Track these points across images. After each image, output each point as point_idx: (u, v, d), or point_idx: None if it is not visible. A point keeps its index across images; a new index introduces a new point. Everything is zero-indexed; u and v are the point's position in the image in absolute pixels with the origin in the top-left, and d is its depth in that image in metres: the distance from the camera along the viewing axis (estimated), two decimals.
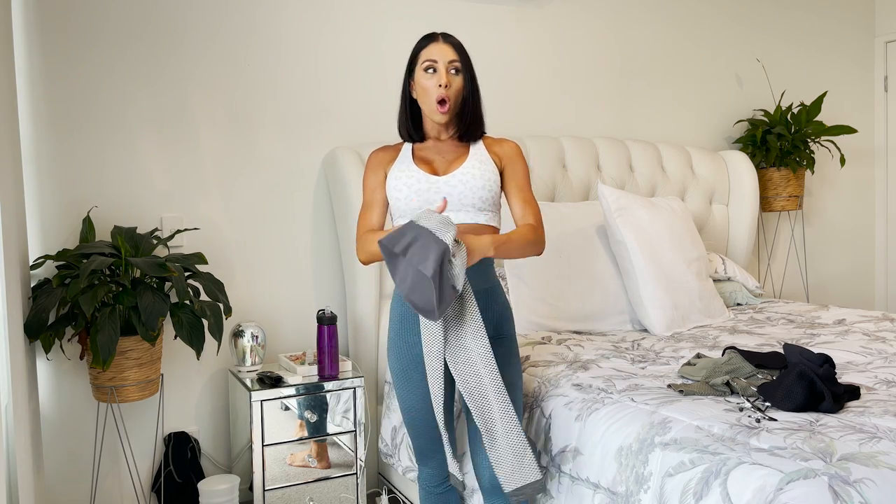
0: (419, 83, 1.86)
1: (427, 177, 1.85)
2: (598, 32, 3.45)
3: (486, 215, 1.87)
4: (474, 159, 1.89)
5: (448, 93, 1.83)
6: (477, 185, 1.84)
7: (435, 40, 1.86)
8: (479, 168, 1.87)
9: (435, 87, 1.83)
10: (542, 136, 3.18)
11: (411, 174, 1.85)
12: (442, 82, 1.82)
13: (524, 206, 1.89)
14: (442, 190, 1.83)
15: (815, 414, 1.66)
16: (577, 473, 1.78)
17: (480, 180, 1.85)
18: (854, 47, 4.23)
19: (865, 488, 1.31)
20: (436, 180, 1.84)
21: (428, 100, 1.85)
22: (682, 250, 2.82)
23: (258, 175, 2.76)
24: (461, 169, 1.86)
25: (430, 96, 1.84)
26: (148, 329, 2.15)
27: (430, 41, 1.87)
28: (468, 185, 1.84)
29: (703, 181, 3.47)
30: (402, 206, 1.85)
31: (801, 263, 4.08)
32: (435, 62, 1.83)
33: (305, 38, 2.83)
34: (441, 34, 1.87)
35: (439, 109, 1.84)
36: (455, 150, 1.91)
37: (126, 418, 2.55)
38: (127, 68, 2.55)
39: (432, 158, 1.90)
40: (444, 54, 1.84)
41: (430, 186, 1.83)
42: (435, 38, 1.87)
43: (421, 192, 1.83)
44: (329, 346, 2.44)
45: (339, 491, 2.48)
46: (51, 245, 2.45)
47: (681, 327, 2.69)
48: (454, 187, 1.84)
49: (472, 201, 1.84)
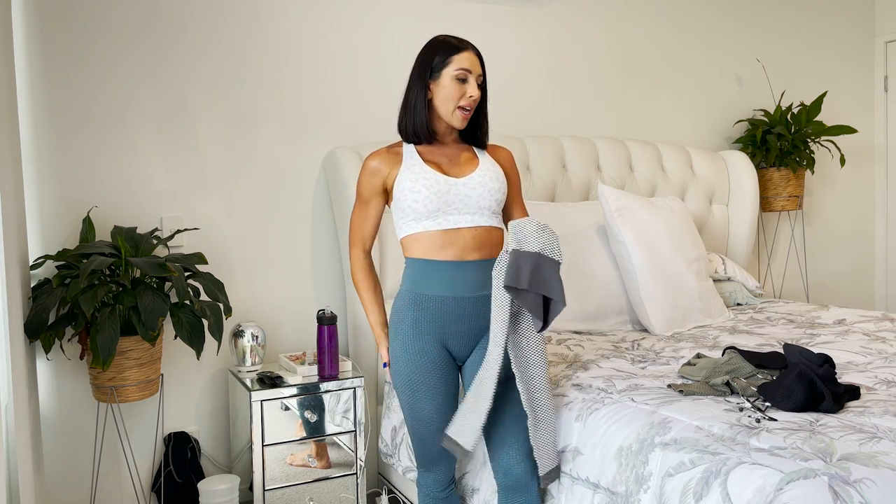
0: (445, 87, 1.84)
1: (445, 178, 1.84)
2: (598, 32, 3.45)
3: (496, 218, 1.90)
4: (486, 162, 1.91)
5: (475, 103, 1.87)
6: (494, 187, 1.87)
7: (467, 49, 1.85)
8: (493, 171, 1.90)
9: (464, 96, 1.84)
10: (542, 136, 3.18)
11: (427, 175, 1.84)
12: (474, 95, 1.84)
13: (523, 213, 2.02)
14: (461, 192, 1.84)
15: (815, 414, 1.66)
16: (577, 473, 1.78)
17: (496, 183, 1.88)
18: (854, 47, 4.23)
19: (865, 488, 1.31)
20: (454, 182, 1.84)
21: (451, 105, 1.85)
22: (682, 250, 2.82)
23: (258, 175, 2.76)
24: (478, 172, 1.87)
25: (455, 102, 1.84)
26: (148, 329, 2.15)
27: (463, 49, 1.85)
28: (486, 188, 1.85)
29: (703, 181, 3.47)
30: (419, 207, 1.83)
31: (801, 263, 4.08)
32: (469, 72, 1.84)
33: (306, 37, 2.83)
34: (469, 43, 1.87)
35: (462, 116, 1.86)
36: (462, 154, 1.92)
37: (126, 418, 2.55)
38: (127, 68, 2.55)
39: (440, 161, 1.89)
40: (476, 67, 1.86)
41: (448, 188, 1.83)
42: (467, 47, 1.86)
43: (441, 193, 1.82)
44: (329, 346, 2.44)
45: (339, 491, 2.48)
46: (51, 245, 2.45)
47: (681, 327, 2.69)
48: (473, 189, 1.85)
49: (488, 204, 1.86)
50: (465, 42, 1.86)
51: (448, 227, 1.83)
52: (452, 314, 1.83)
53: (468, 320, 1.84)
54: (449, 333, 1.85)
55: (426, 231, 1.84)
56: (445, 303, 1.83)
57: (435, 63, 1.85)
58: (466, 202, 1.84)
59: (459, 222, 1.84)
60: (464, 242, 1.84)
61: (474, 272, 1.84)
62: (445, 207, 1.82)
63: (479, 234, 1.85)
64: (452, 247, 1.83)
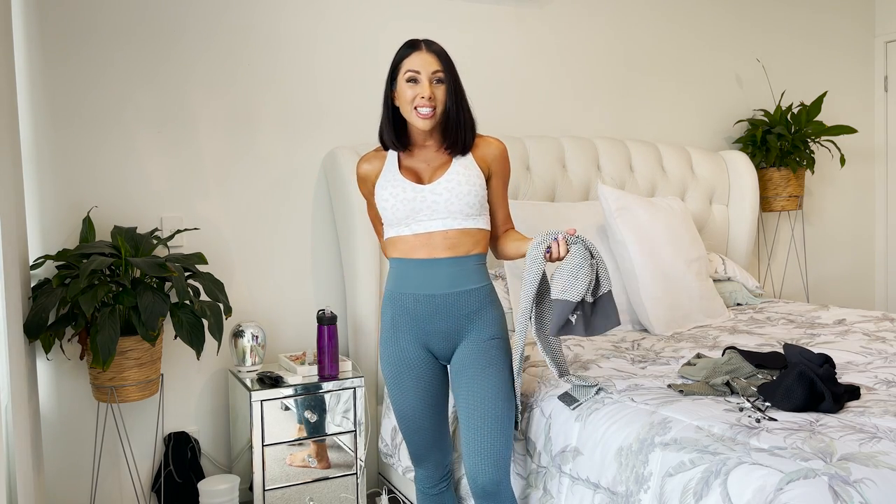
0: (401, 93, 1.82)
1: (413, 186, 1.84)
2: (598, 32, 3.45)
3: (473, 220, 1.87)
4: (459, 165, 1.87)
5: (432, 103, 1.80)
6: (463, 191, 1.83)
7: (417, 49, 1.82)
8: (463, 174, 1.85)
9: (416, 97, 1.80)
10: (541, 136, 3.18)
11: (396, 184, 1.85)
12: (425, 94, 1.79)
13: (506, 212, 1.99)
14: (427, 199, 1.83)
15: (815, 414, 1.66)
16: (577, 473, 1.78)
17: (466, 186, 1.84)
18: (854, 47, 4.23)
19: (865, 488, 1.31)
20: (421, 189, 1.84)
21: (408, 108, 1.82)
22: (682, 250, 2.82)
23: (258, 175, 2.76)
24: (446, 176, 1.85)
25: (410, 105, 1.81)
26: (148, 329, 2.15)
27: (413, 50, 1.82)
28: (454, 193, 1.83)
29: (703, 181, 3.47)
30: (389, 216, 1.86)
31: (801, 263, 4.08)
32: (417, 73, 1.80)
33: (305, 37, 2.83)
34: (424, 41, 1.83)
35: (420, 116, 1.81)
36: (440, 157, 1.90)
37: (126, 418, 2.55)
38: (126, 68, 2.55)
39: (417, 167, 1.89)
40: (427, 65, 1.80)
41: (415, 196, 1.83)
42: (418, 47, 1.82)
43: (407, 201, 1.83)
44: (329, 346, 2.44)
45: (339, 491, 2.48)
46: (51, 245, 2.45)
47: (681, 327, 2.69)
48: (440, 195, 1.83)
49: (458, 208, 1.83)
50: (418, 42, 1.83)
51: (420, 232, 1.84)
52: (426, 312, 1.84)
53: (442, 318, 1.84)
54: (427, 333, 1.86)
55: (400, 235, 1.87)
56: (418, 300, 1.84)
57: (392, 70, 1.85)
58: (434, 208, 1.83)
59: (430, 227, 1.84)
60: (435, 243, 1.84)
61: (446, 269, 1.84)
62: (414, 215, 1.83)
63: (451, 236, 1.84)
64: (425, 247, 1.85)
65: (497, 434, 1.78)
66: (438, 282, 1.83)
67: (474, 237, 1.87)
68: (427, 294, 1.83)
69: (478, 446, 1.78)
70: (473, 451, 1.79)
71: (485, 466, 1.77)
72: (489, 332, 1.86)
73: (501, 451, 1.79)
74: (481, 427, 1.78)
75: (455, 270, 1.84)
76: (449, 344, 1.87)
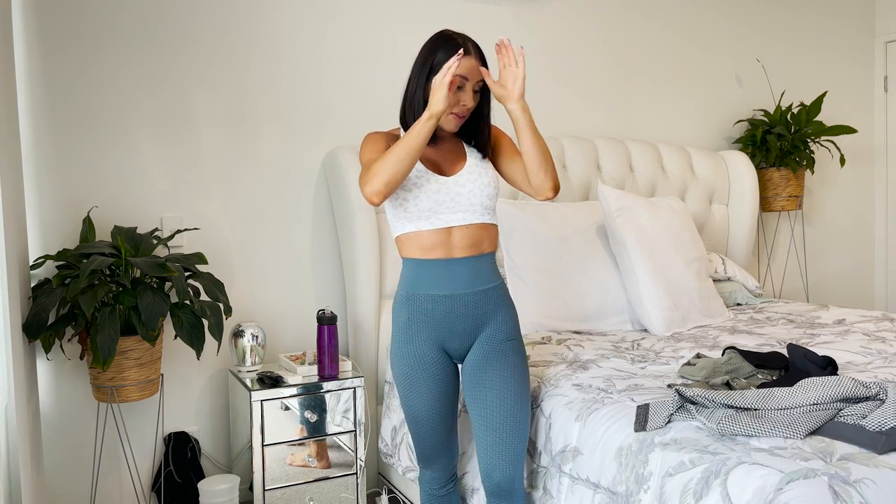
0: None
1: (437, 178, 1.82)
2: (597, 32, 3.45)
3: (490, 214, 1.87)
4: (473, 158, 1.89)
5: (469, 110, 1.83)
6: (484, 182, 1.85)
7: (466, 52, 1.78)
8: (482, 166, 1.87)
9: (459, 104, 1.80)
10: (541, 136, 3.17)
11: (420, 175, 1.81)
12: (469, 104, 1.81)
13: None
14: (452, 190, 1.82)
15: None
16: (577, 473, 1.78)
17: (486, 177, 1.86)
18: (854, 47, 4.23)
19: (865, 488, 1.31)
20: (445, 181, 1.82)
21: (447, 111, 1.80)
22: (681, 250, 2.82)
23: (258, 175, 2.76)
24: (467, 168, 1.85)
25: (450, 109, 1.80)
26: (148, 329, 2.15)
27: (459, 51, 1.75)
28: (477, 184, 1.84)
29: (703, 181, 3.47)
30: (411, 207, 1.82)
31: (801, 263, 4.08)
32: (466, 80, 1.80)
33: (306, 37, 2.83)
34: (468, 42, 1.80)
35: (455, 121, 1.82)
36: (454, 149, 1.90)
37: (126, 418, 2.55)
38: (127, 68, 2.55)
39: (436, 159, 1.87)
40: (475, 72, 1.80)
41: (439, 188, 1.81)
42: (466, 50, 1.78)
43: (431, 192, 1.81)
44: (329, 346, 2.44)
45: (339, 491, 2.48)
46: (51, 245, 2.45)
47: (681, 327, 2.69)
48: (463, 187, 1.83)
49: (480, 200, 1.84)
50: (465, 44, 1.79)
51: (440, 227, 1.82)
52: (444, 312, 1.83)
53: (461, 317, 1.84)
54: (445, 333, 1.85)
55: (418, 231, 1.83)
56: (437, 301, 1.83)
57: (436, 61, 1.80)
58: (458, 200, 1.82)
59: (451, 220, 1.82)
60: (455, 241, 1.83)
61: (465, 268, 1.83)
62: (437, 207, 1.81)
63: (470, 232, 1.83)
64: (442, 246, 1.82)
65: (515, 433, 1.80)
66: (457, 282, 1.82)
67: (490, 234, 1.88)
68: (446, 294, 1.83)
69: (495, 444, 1.79)
70: (490, 448, 1.80)
71: (501, 463, 1.79)
72: (505, 333, 1.86)
73: (518, 449, 1.80)
74: (500, 426, 1.79)
75: (472, 269, 1.84)
76: (465, 343, 1.87)
